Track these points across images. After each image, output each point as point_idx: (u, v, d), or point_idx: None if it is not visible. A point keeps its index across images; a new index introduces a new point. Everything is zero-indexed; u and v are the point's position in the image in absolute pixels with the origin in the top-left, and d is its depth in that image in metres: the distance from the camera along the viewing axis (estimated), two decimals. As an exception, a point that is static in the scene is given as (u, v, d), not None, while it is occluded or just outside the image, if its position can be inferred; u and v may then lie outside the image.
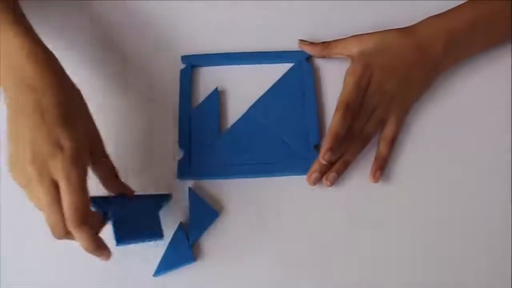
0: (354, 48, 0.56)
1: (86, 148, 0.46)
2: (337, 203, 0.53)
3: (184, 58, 0.59)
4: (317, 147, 0.55)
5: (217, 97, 0.58)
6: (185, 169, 0.54)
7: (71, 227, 0.43)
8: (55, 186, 0.43)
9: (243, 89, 0.59)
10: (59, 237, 0.44)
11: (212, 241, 0.52)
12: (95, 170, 0.48)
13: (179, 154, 0.55)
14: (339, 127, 0.52)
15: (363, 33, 0.57)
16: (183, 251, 0.51)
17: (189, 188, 0.53)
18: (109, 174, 0.49)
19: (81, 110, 0.47)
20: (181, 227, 0.52)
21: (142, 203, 0.50)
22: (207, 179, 0.55)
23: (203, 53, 0.60)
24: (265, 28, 0.61)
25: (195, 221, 0.52)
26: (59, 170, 0.42)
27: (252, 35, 0.61)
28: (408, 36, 0.56)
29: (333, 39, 0.58)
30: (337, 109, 0.53)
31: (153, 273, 0.51)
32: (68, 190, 0.43)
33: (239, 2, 0.63)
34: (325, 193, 0.54)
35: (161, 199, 0.52)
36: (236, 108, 0.57)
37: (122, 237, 0.47)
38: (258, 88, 0.58)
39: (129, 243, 0.48)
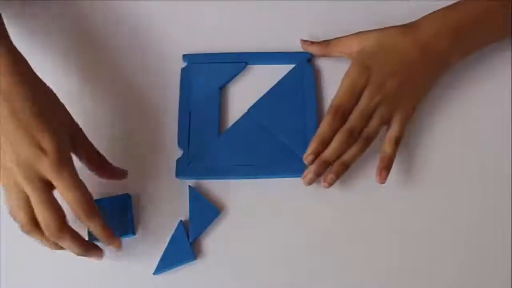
0: (354, 46, 0.56)
1: (68, 143, 0.47)
2: (337, 205, 0.53)
3: (185, 57, 0.59)
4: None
5: (217, 96, 0.58)
6: (183, 168, 0.54)
7: (84, 219, 0.44)
8: (47, 184, 0.44)
9: (244, 89, 0.59)
10: (53, 237, 0.44)
11: (212, 240, 0.52)
12: (78, 155, 0.49)
13: (178, 153, 0.55)
14: (325, 131, 0.52)
15: (364, 30, 0.56)
16: (183, 249, 0.51)
17: (189, 186, 0.53)
18: (92, 154, 0.50)
19: (54, 106, 0.48)
20: (181, 225, 0.52)
21: (110, 203, 0.52)
22: (205, 179, 0.54)
23: (204, 52, 0.60)
24: (266, 29, 0.61)
25: (195, 218, 0.52)
26: (48, 171, 0.43)
27: (253, 36, 0.61)
28: (410, 33, 0.55)
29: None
30: (326, 112, 0.53)
31: (153, 271, 0.51)
32: (67, 187, 0.44)
33: (241, 2, 0.63)
34: (324, 195, 0.53)
35: (127, 198, 0.53)
36: (236, 108, 0.57)
37: (94, 236, 0.48)
38: (258, 88, 0.58)
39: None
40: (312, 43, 0.59)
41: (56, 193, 0.45)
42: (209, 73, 0.59)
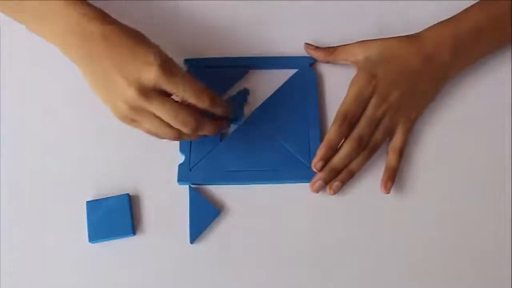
0: (359, 55, 0.56)
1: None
2: (339, 211, 0.53)
3: (187, 62, 0.59)
4: (319, 154, 0.55)
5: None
6: (185, 174, 0.54)
7: (210, 107, 0.48)
8: (163, 93, 0.46)
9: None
10: (193, 131, 0.48)
11: (212, 240, 0.52)
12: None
13: (180, 159, 0.54)
14: (334, 137, 0.52)
15: (369, 39, 0.57)
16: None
17: (190, 186, 0.53)
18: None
19: (146, 38, 0.49)
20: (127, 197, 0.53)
21: (110, 203, 0.52)
22: (207, 184, 0.54)
23: (207, 57, 0.59)
24: (268, 33, 0.61)
25: (195, 218, 0.52)
26: (159, 77, 0.45)
27: (255, 40, 0.61)
28: (414, 44, 0.56)
29: (338, 44, 0.58)
30: (334, 119, 0.53)
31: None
32: (180, 82, 0.46)
33: (243, 7, 0.62)
34: (327, 201, 0.53)
35: (126, 198, 0.53)
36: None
37: (95, 235, 0.51)
38: (260, 93, 0.58)
39: (102, 240, 0.51)
40: (317, 48, 0.59)
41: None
42: (211, 77, 0.58)
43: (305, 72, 0.59)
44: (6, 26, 0.60)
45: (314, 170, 0.52)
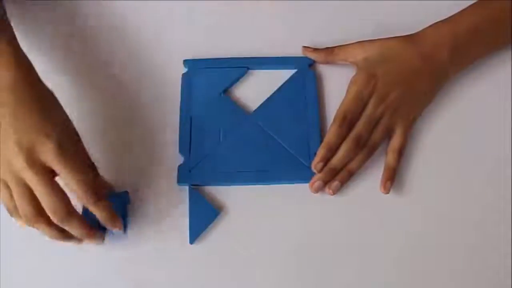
0: (358, 55, 0.56)
1: (72, 133, 0.47)
2: (338, 212, 0.53)
3: (187, 62, 0.59)
4: (319, 155, 0.55)
5: (218, 102, 0.57)
6: (185, 175, 0.54)
7: (90, 203, 0.45)
8: (50, 171, 0.44)
9: (245, 95, 0.58)
10: (62, 221, 0.44)
11: (211, 241, 0.52)
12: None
13: (180, 160, 0.54)
14: (333, 138, 0.53)
15: (368, 39, 0.57)
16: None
17: (189, 186, 0.53)
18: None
19: (57, 105, 0.48)
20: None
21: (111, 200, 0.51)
22: (207, 185, 0.54)
23: (206, 57, 0.59)
24: (267, 34, 0.61)
25: (195, 219, 0.52)
26: (52, 155, 0.43)
27: (254, 40, 0.61)
28: (413, 44, 0.56)
29: (337, 45, 0.58)
30: (334, 119, 0.53)
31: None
32: (72, 170, 0.44)
33: (242, 7, 0.62)
34: (326, 201, 0.53)
35: (125, 196, 0.53)
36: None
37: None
38: (259, 94, 0.58)
39: None
40: (315, 49, 0.59)
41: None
42: (211, 78, 0.58)
43: (305, 72, 0.59)
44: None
45: (314, 171, 0.52)
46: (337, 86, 0.57)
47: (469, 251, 0.52)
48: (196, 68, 0.59)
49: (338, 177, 0.53)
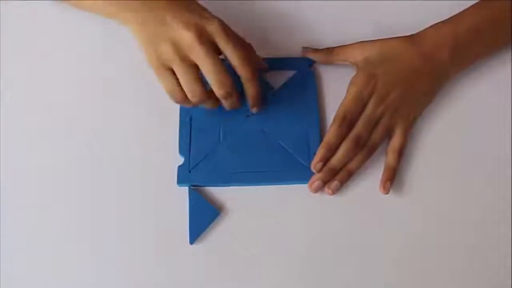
0: (358, 56, 0.56)
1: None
2: (338, 212, 0.53)
3: (186, 63, 0.59)
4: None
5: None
6: (185, 176, 0.54)
7: (247, 78, 0.51)
8: (215, 47, 0.49)
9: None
10: (225, 96, 0.50)
11: (211, 241, 0.52)
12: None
13: (179, 160, 0.54)
14: (333, 138, 0.53)
15: (368, 39, 0.57)
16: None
17: (189, 187, 0.53)
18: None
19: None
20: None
21: None
22: (206, 186, 0.54)
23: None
24: (268, 35, 0.61)
25: (195, 219, 0.52)
26: (219, 31, 0.48)
27: (254, 41, 0.60)
28: (413, 44, 0.56)
29: (337, 45, 0.58)
30: (334, 119, 0.53)
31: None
32: (236, 45, 0.49)
33: (241, 7, 0.62)
34: (326, 202, 0.53)
35: None
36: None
37: None
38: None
39: None
40: (315, 50, 0.59)
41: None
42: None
43: (304, 73, 0.59)
44: (7, 26, 0.60)
45: (314, 171, 0.52)
46: (337, 86, 0.57)
47: (469, 251, 0.52)
48: (196, 69, 0.59)
49: (338, 177, 0.53)
